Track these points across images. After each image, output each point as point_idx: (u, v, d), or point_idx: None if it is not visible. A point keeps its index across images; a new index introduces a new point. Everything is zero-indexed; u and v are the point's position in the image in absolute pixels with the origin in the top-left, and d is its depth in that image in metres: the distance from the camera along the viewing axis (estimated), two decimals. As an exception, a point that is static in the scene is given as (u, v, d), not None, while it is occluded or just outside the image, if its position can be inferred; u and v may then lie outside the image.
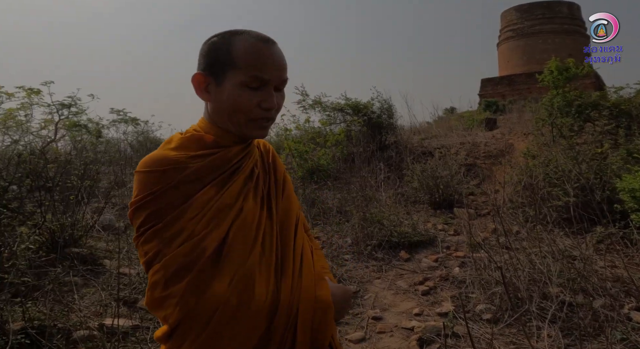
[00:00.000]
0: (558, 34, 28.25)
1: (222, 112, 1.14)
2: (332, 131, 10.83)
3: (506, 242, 4.62)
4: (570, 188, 5.58)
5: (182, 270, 1.00)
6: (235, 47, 1.11)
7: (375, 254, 5.39)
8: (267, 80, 1.10)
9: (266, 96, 1.11)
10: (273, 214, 1.19)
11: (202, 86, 1.15)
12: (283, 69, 1.14)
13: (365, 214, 5.88)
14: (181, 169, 1.07)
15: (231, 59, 1.10)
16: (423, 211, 7.45)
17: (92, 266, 4.77)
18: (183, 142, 1.15)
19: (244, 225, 1.09)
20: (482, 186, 8.59)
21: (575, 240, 4.85)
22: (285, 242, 1.18)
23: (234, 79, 1.10)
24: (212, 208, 1.06)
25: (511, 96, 23.86)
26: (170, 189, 1.04)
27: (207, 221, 1.04)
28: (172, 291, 0.99)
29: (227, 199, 1.09)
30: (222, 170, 1.13)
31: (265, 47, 1.12)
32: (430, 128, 15.02)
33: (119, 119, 13.75)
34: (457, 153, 9.91)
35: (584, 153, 6.47)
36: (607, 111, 8.79)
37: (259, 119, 1.13)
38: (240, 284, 1.02)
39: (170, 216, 1.02)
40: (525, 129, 11.43)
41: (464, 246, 5.63)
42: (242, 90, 1.10)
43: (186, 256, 1.00)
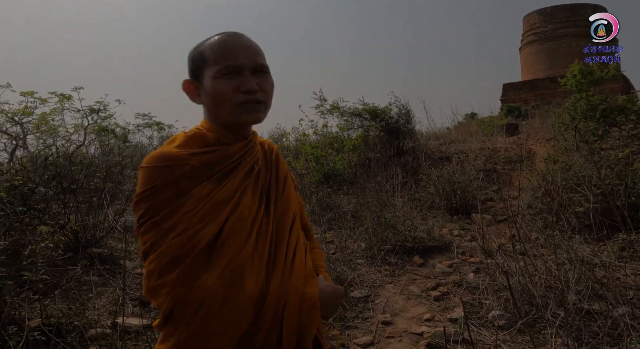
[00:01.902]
0: (582, 37, 27.81)
1: (211, 108, 1.23)
2: (349, 136, 10.83)
3: (522, 248, 4.56)
4: (591, 194, 5.48)
5: (175, 261, 1.05)
6: (206, 47, 1.21)
7: (388, 258, 5.37)
8: (238, 66, 1.18)
9: (242, 81, 1.17)
10: (271, 210, 1.25)
11: (194, 92, 1.26)
12: (252, 53, 1.21)
13: (380, 219, 5.86)
14: (182, 165, 1.13)
15: (204, 59, 1.20)
16: (439, 217, 7.40)
17: (112, 266, 4.87)
18: (186, 140, 1.22)
19: (240, 219, 1.15)
20: (500, 192, 8.49)
21: (595, 247, 4.77)
22: (280, 238, 1.24)
23: (209, 74, 1.19)
24: (209, 203, 1.12)
25: (534, 101, 23.55)
26: (170, 184, 1.11)
27: (203, 214, 1.10)
28: (165, 280, 1.05)
29: (225, 194, 1.15)
30: (222, 166, 1.19)
31: (230, 38, 1.22)
32: (449, 134, 14.91)
33: (144, 124, 13.98)
34: (475, 158, 9.82)
35: (607, 158, 6.35)
36: (634, 115, 8.62)
37: (243, 103, 1.18)
38: (230, 276, 1.07)
39: (168, 209, 1.08)
40: (548, 134, 11.28)
41: (479, 251, 5.58)
42: (218, 80, 1.17)
43: (180, 248, 1.06)
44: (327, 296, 1.24)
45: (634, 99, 9.81)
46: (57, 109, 9.99)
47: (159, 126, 14.25)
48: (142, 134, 14.26)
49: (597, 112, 9.23)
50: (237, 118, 1.20)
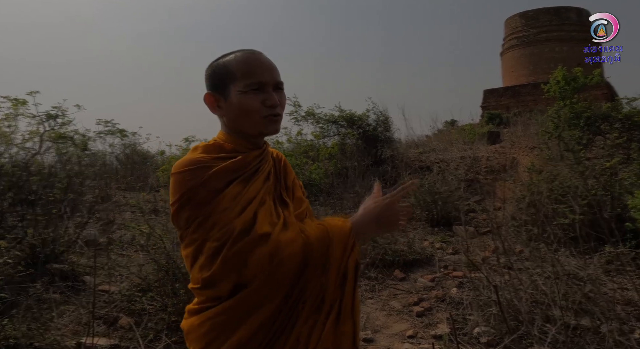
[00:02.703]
0: (566, 42, 28.46)
1: (237, 119, 1.45)
2: (325, 144, 10.90)
3: (507, 262, 4.67)
4: (577, 205, 5.63)
5: (217, 252, 1.27)
6: (231, 64, 1.44)
7: (368, 272, 5.42)
8: (263, 82, 1.42)
9: (267, 95, 1.42)
10: (289, 207, 1.48)
11: (214, 104, 1.48)
12: (274, 71, 1.46)
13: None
14: (208, 168, 1.35)
15: (230, 74, 1.43)
16: (420, 229, 7.50)
17: (73, 282, 4.81)
18: (207, 148, 1.45)
19: (267, 209, 1.37)
20: (483, 202, 8.66)
21: (581, 260, 4.90)
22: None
23: (237, 88, 1.42)
24: (241, 201, 1.33)
25: (516, 108, 23.97)
26: (201, 184, 1.32)
27: (237, 211, 1.31)
28: (214, 270, 1.27)
29: (252, 193, 1.37)
30: (243, 170, 1.40)
31: (254, 56, 1.45)
32: (429, 142, 15.13)
33: (106, 131, 13.76)
34: (457, 168, 9.99)
35: (592, 168, 6.53)
36: (618, 123, 8.88)
37: (269, 116, 1.42)
38: (273, 237, 1.29)
39: (207, 209, 1.29)
40: (530, 142, 11.54)
41: (462, 265, 5.68)
42: (246, 95, 1.41)
43: (219, 240, 1.27)
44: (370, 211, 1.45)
45: (618, 106, 10.12)
46: (10, 115, 9.78)
47: (122, 133, 14.04)
48: (103, 142, 14.05)
49: (581, 120, 9.49)
50: (263, 129, 1.44)
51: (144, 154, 14.41)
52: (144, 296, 4.24)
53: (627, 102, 10.50)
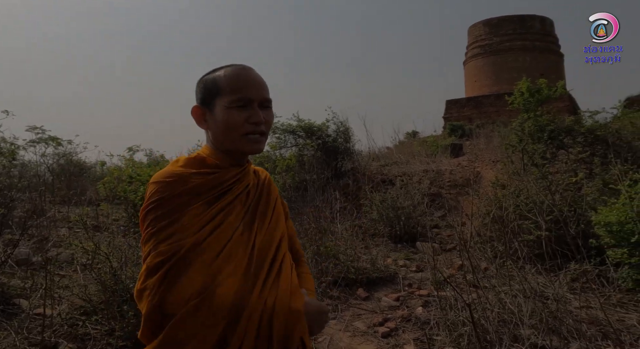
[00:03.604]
0: (530, 51, 29.44)
1: (219, 134, 1.52)
2: (282, 155, 10.95)
3: (474, 279, 4.81)
4: (543, 221, 5.85)
5: (160, 266, 1.33)
6: (220, 78, 1.52)
7: (330, 292, 5.49)
8: (250, 98, 1.49)
9: (252, 112, 1.49)
10: (254, 230, 1.52)
11: (200, 118, 1.56)
12: (262, 88, 1.53)
13: (320, 248, 5.99)
14: (184, 182, 1.44)
15: (218, 88, 1.51)
16: (383, 245, 7.63)
17: (5, 306, 4.68)
18: (188, 161, 1.53)
19: (220, 234, 1.42)
20: (447, 218, 8.87)
21: (548, 278, 5.10)
22: (264, 255, 1.50)
23: (222, 103, 1.49)
24: (201, 220, 1.40)
25: (478, 119, 24.63)
26: (172, 197, 1.40)
27: (193, 230, 1.38)
28: (147, 284, 1.33)
29: (212, 213, 1.44)
30: (216, 189, 1.48)
31: (243, 72, 1.53)
32: (390, 154, 15.40)
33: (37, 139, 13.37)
34: (420, 182, 10.21)
35: (557, 183, 6.80)
36: (581, 137, 9.24)
37: (250, 134, 1.49)
38: (204, 284, 1.32)
39: (166, 222, 1.37)
40: (494, 156, 11.89)
41: (427, 283, 5.81)
42: (231, 110, 1.48)
43: (165, 254, 1.33)
44: (312, 310, 1.50)
45: (580, 120, 10.57)
46: None
47: (55, 142, 13.68)
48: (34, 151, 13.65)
49: (545, 134, 9.86)
50: (242, 147, 1.51)
51: (80, 165, 14.13)
52: (87, 319, 4.18)
53: (589, 116, 11.00)
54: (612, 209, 5.27)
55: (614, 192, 6.23)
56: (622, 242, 5.02)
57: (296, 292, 1.51)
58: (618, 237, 5.06)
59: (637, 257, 4.76)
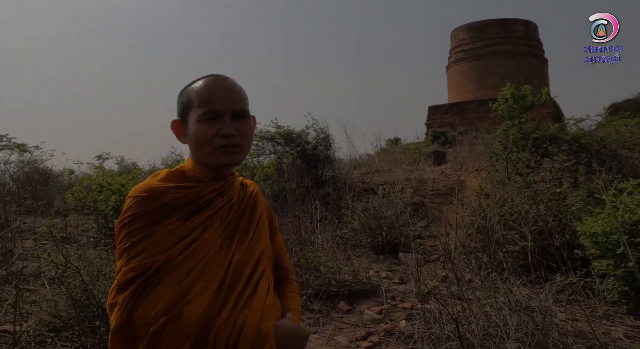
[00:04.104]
0: (513, 56, 29.80)
1: (193, 148, 1.54)
2: (260, 163, 10.95)
3: (458, 292, 4.87)
4: (528, 232, 5.92)
5: (131, 281, 1.35)
6: (192, 91, 1.54)
7: (310, 305, 5.50)
8: (220, 110, 1.49)
9: (223, 126, 1.48)
10: (233, 247, 1.52)
11: (179, 133, 1.59)
12: (233, 98, 1.53)
13: (300, 260, 6.01)
14: (160, 197, 1.44)
15: (190, 102, 1.53)
16: (365, 256, 7.67)
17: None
18: (168, 175, 1.54)
19: (194, 251, 1.42)
20: (430, 228, 8.95)
21: (533, 290, 5.18)
22: (240, 273, 1.50)
23: (193, 117, 1.51)
24: (174, 237, 1.41)
25: (461, 126, 24.83)
26: (148, 213, 1.42)
27: (166, 246, 1.39)
28: (118, 300, 1.36)
29: (189, 228, 1.45)
30: (194, 204, 1.49)
31: (214, 83, 1.54)
32: (372, 162, 15.48)
33: (1, 146, 13.17)
34: (402, 190, 10.28)
35: (542, 193, 6.90)
36: (566, 145, 9.39)
37: (222, 147, 1.49)
38: (172, 301, 1.34)
39: (138, 238, 1.39)
40: (477, 164, 12.02)
41: (411, 295, 5.85)
42: (200, 124, 1.49)
43: (137, 270, 1.35)
44: (285, 333, 1.51)
45: (565, 127, 10.75)
46: None
47: (20, 149, 13.49)
48: (-3, 158, 13.42)
49: (529, 141, 10.00)
50: (215, 160, 1.52)
51: (47, 173, 13.95)
52: (57, 336, 4.14)
53: (574, 123, 11.21)
54: (598, 220, 5.31)
55: (599, 202, 6.29)
56: (607, 253, 5.07)
57: (269, 313, 1.51)
58: (603, 248, 5.11)
59: (623, 268, 4.81)
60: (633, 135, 10.49)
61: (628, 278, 4.82)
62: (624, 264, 4.80)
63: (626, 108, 18.62)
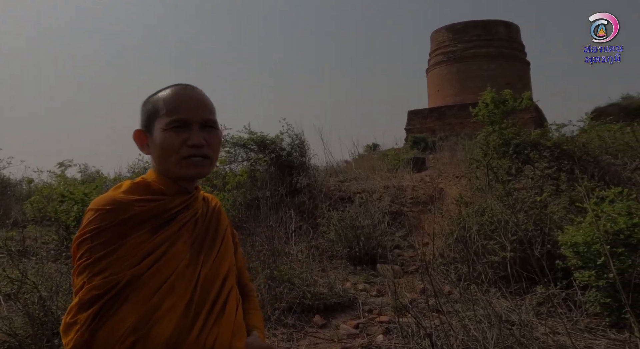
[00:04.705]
0: (495, 58, 30.10)
1: (158, 159, 1.52)
2: (232, 170, 10.90)
3: (436, 304, 4.90)
4: (507, 242, 5.97)
5: (94, 300, 1.32)
6: (159, 99, 1.53)
7: (284, 319, 5.48)
8: (187, 120, 1.49)
9: (190, 134, 1.48)
10: (200, 262, 1.51)
11: (142, 142, 1.57)
12: (202, 108, 1.53)
13: (273, 272, 6.00)
14: (125, 210, 1.42)
15: (156, 110, 1.52)
16: (341, 268, 7.67)
17: None
18: (131, 187, 1.52)
19: (163, 267, 1.41)
20: (409, 238, 8.99)
21: (513, 302, 5.22)
22: (208, 290, 1.50)
23: (159, 125, 1.49)
24: (142, 251, 1.39)
25: (442, 131, 25.00)
26: (111, 227, 1.38)
27: (132, 262, 1.37)
28: (78, 319, 1.32)
29: (156, 243, 1.43)
30: (160, 218, 1.48)
31: (182, 91, 1.54)
32: (349, 168, 15.52)
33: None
34: (380, 199, 10.32)
35: (523, 201, 6.97)
36: (547, 151, 9.47)
37: (189, 157, 1.48)
38: (140, 321, 1.32)
39: (101, 254, 1.35)
40: (458, 171, 12.11)
41: (388, 309, 5.87)
42: (167, 133, 1.47)
43: (101, 287, 1.32)
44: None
45: (547, 133, 10.85)
46: None
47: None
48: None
49: (510, 148, 10.09)
50: (182, 171, 1.50)
51: (4, 182, 13.76)
52: (12, 355, 4.09)
53: (555, 129, 11.31)
54: (579, 229, 5.35)
55: (580, 211, 6.34)
56: (589, 264, 5.11)
57: (239, 331, 1.54)
58: (585, 259, 5.16)
59: (605, 279, 4.86)
60: (616, 141, 10.62)
61: (610, 290, 4.85)
62: (606, 275, 4.84)
63: (610, 113, 18.89)
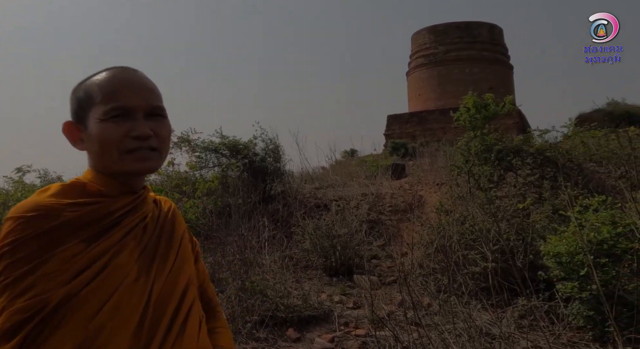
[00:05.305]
0: (477, 62, 30.36)
1: (96, 155, 1.33)
2: (203, 176, 10.83)
3: (415, 317, 4.91)
4: (489, 251, 6.00)
5: (19, 326, 1.11)
6: (92, 85, 1.34)
7: (256, 333, 5.46)
8: (130, 107, 1.30)
9: (134, 124, 1.30)
10: (152, 275, 1.34)
11: (75, 137, 1.37)
12: (147, 92, 1.35)
13: (245, 283, 5.98)
14: (53, 217, 1.20)
15: (90, 98, 1.32)
16: (316, 279, 7.67)
17: None
18: (62, 189, 1.30)
19: (105, 282, 1.22)
20: (387, 247, 9.01)
21: (494, 314, 5.25)
22: (162, 308, 1.34)
23: (95, 115, 1.30)
24: (75, 265, 1.19)
25: (422, 137, 25.10)
26: (34, 238, 1.17)
27: (64, 279, 1.17)
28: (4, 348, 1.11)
29: (95, 254, 1.23)
30: (99, 224, 1.27)
31: (121, 75, 1.35)
32: (325, 175, 15.52)
33: None
34: (357, 207, 10.33)
35: (505, 209, 7.02)
36: (530, 158, 9.56)
37: (134, 151, 1.30)
38: (80, 347, 1.15)
39: (24, 270, 1.14)
40: (438, 178, 12.18)
41: (365, 321, 5.87)
42: (105, 123, 1.28)
43: (27, 311, 1.12)
44: None
45: (529, 139, 10.94)
46: None
47: None
48: None
49: (492, 154, 10.16)
50: (127, 167, 1.31)
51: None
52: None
53: (538, 135, 11.41)
54: (562, 238, 5.37)
55: (563, 219, 6.41)
56: (572, 275, 5.13)
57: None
58: (568, 270, 5.17)
59: (588, 291, 4.86)
60: (600, 148, 10.75)
61: (593, 302, 4.87)
62: (589, 286, 4.86)
63: (594, 119, 19.14)
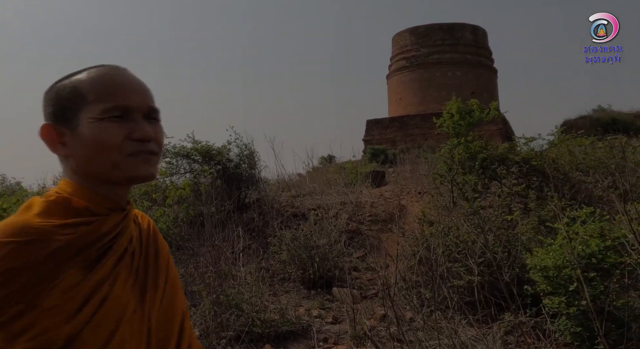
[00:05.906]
0: (460, 65, 30.49)
1: (90, 160, 1.21)
2: (173, 183, 10.77)
3: (398, 332, 4.92)
4: (474, 264, 6.01)
5: None
6: (82, 83, 1.24)
7: (231, 349, 5.46)
8: (129, 106, 1.22)
9: (135, 125, 1.21)
10: (146, 305, 1.27)
11: (55, 140, 1.24)
12: (145, 93, 1.28)
13: (219, 297, 5.95)
14: (46, 242, 1.10)
15: (79, 96, 1.22)
16: (294, 292, 7.65)
17: None
18: (48, 207, 1.18)
19: (108, 315, 1.15)
20: (368, 259, 9.01)
21: (480, 330, 5.27)
22: (164, 342, 1.29)
23: (88, 115, 1.20)
24: (76, 297, 1.10)
25: (403, 143, 25.13)
26: (31, 267, 1.07)
27: (68, 313, 1.09)
28: None
29: (94, 284, 1.14)
30: (93, 247, 1.17)
31: (116, 72, 1.26)
32: (303, 182, 15.51)
33: None
34: (336, 216, 10.33)
35: (490, 220, 7.05)
36: (516, 166, 9.62)
37: (136, 154, 1.21)
38: None
39: (22, 305, 1.05)
40: (420, 186, 12.22)
41: (346, 337, 5.87)
42: (103, 124, 1.19)
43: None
44: None
45: (515, 147, 11.01)
46: None
47: None
48: None
49: (476, 162, 10.21)
50: (129, 172, 1.22)
51: None
52: None
53: (524, 143, 11.49)
54: (549, 251, 5.38)
55: (550, 231, 6.44)
56: (559, 290, 5.15)
57: None
58: (555, 284, 5.19)
59: (576, 307, 4.88)
60: (587, 156, 10.83)
61: (581, 318, 4.90)
62: (577, 302, 4.88)
63: (580, 126, 19.38)
